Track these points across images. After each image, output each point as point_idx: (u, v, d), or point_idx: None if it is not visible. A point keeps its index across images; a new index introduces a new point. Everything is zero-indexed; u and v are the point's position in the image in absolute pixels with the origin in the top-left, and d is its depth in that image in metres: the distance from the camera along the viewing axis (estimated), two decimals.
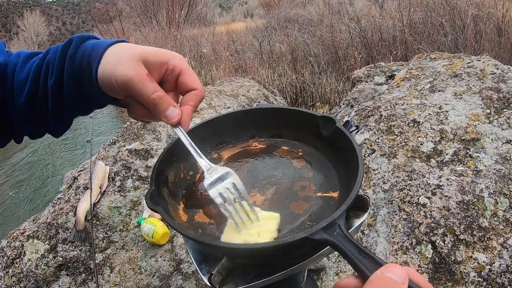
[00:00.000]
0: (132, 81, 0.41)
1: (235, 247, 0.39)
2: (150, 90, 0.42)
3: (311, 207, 0.48)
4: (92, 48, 0.44)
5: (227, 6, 23.48)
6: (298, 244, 0.36)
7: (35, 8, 27.76)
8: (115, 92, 0.43)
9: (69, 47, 0.45)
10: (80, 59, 0.44)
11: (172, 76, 0.46)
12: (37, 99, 0.46)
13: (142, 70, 0.42)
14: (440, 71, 1.62)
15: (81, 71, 0.44)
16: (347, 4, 7.01)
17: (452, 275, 0.91)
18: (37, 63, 0.47)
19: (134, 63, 0.42)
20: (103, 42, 0.45)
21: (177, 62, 0.45)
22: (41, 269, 1.15)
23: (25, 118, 0.48)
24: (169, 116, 0.43)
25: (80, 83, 0.44)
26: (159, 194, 0.48)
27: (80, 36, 0.46)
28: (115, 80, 0.41)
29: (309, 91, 4.25)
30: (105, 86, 0.43)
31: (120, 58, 0.42)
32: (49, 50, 0.47)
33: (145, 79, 0.42)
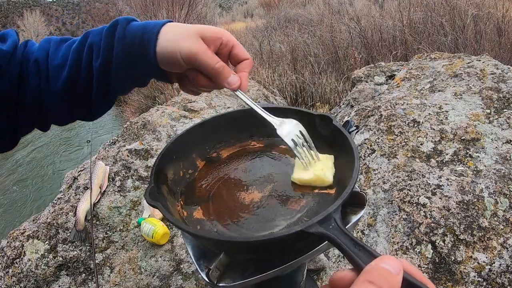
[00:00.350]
0: (198, 54, 0.46)
1: (232, 240, 0.40)
2: (214, 61, 0.47)
3: (308, 204, 0.48)
4: (143, 29, 0.47)
5: (227, 6, 23.48)
6: (294, 237, 0.36)
7: (35, 8, 27.76)
8: (178, 66, 0.47)
9: (115, 29, 0.47)
10: (131, 40, 0.47)
11: (226, 49, 0.51)
12: (79, 82, 0.48)
13: (203, 45, 0.47)
14: (440, 71, 1.62)
15: (133, 51, 0.47)
16: (347, 4, 7.01)
17: (452, 275, 0.91)
18: (76, 45, 0.48)
19: (195, 38, 0.46)
20: (153, 23, 0.48)
21: (229, 37, 0.51)
22: (41, 269, 1.15)
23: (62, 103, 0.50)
24: (231, 82, 0.49)
25: (132, 63, 0.48)
26: (159, 191, 0.49)
27: (125, 18, 0.48)
28: (179, 55, 0.46)
29: (309, 91, 4.25)
30: (167, 61, 0.47)
31: (180, 35, 0.46)
32: (88, 33, 0.49)
33: (208, 52, 0.47)
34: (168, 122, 1.75)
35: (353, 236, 0.34)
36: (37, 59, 0.49)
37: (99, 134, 5.97)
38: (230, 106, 2.06)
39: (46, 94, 0.49)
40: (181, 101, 2.05)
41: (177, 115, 1.84)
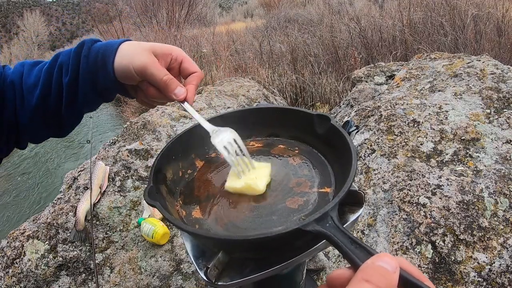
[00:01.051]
0: (148, 67, 0.51)
1: (230, 238, 0.40)
2: (162, 73, 0.52)
3: (306, 202, 0.49)
4: (104, 47, 0.53)
5: (227, 6, 23.48)
6: (292, 236, 0.36)
7: (35, 8, 27.77)
8: (131, 78, 0.52)
9: (81, 49, 0.53)
10: (95, 57, 0.52)
11: (176, 64, 0.56)
12: (50, 98, 0.53)
13: (154, 58, 0.52)
14: (440, 71, 1.62)
15: (95, 67, 0.52)
16: (347, 4, 7.01)
17: (452, 275, 0.91)
18: (47, 67, 0.54)
19: (147, 53, 0.52)
20: (112, 41, 0.54)
21: (179, 53, 0.56)
22: (41, 269, 1.15)
23: (35, 119, 0.55)
24: (177, 93, 0.53)
25: (95, 77, 0.53)
26: (158, 191, 0.49)
27: (91, 39, 0.54)
28: (132, 68, 0.51)
29: (309, 91, 4.25)
30: (122, 74, 0.52)
31: (134, 50, 0.52)
32: (59, 54, 0.55)
33: (157, 65, 0.52)
34: (168, 122, 1.75)
35: (350, 234, 0.34)
36: (12, 81, 0.54)
37: (99, 134, 5.97)
38: (230, 106, 2.06)
39: (21, 112, 0.54)
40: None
41: (177, 115, 1.84)
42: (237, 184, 0.51)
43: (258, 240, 0.37)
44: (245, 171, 0.52)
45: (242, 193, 0.51)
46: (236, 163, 0.51)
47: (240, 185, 0.51)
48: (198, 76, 0.56)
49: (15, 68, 0.56)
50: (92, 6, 14.79)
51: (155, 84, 0.52)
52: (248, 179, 0.51)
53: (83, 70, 0.52)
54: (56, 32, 31.13)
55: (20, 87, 0.54)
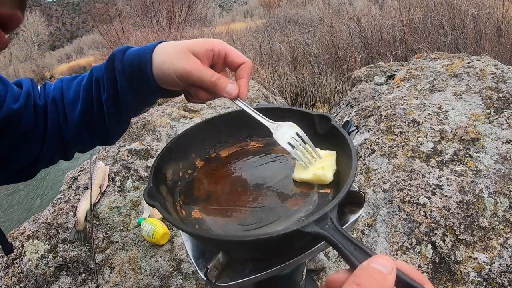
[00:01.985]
0: (191, 72, 0.48)
1: (229, 239, 0.40)
2: (208, 75, 0.49)
3: (306, 203, 0.49)
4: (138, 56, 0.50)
5: (227, 6, 23.49)
6: (291, 237, 0.36)
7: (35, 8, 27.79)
8: (176, 85, 0.50)
9: (113, 63, 0.51)
10: (130, 70, 0.50)
11: (220, 59, 0.52)
12: (93, 114, 0.54)
13: (196, 61, 0.48)
14: (440, 71, 1.62)
15: (134, 78, 0.50)
16: (347, 4, 7.01)
17: (452, 275, 0.91)
18: (85, 82, 0.54)
19: (187, 56, 0.48)
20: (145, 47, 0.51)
21: (221, 47, 0.51)
22: (41, 269, 1.15)
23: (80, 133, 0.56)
24: (229, 91, 0.50)
25: (137, 89, 0.51)
26: (158, 191, 0.49)
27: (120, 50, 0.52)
28: (175, 75, 0.48)
29: (309, 91, 4.25)
30: (166, 82, 0.49)
31: (172, 54, 0.48)
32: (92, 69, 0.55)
33: (201, 68, 0.48)
34: (168, 122, 1.75)
35: (349, 235, 0.34)
36: (54, 98, 0.55)
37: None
38: (230, 106, 2.06)
39: (65, 127, 0.55)
40: (181, 101, 2.06)
41: (177, 115, 1.84)
42: (305, 175, 0.51)
43: (257, 241, 0.37)
44: (312, 161, 0.52)
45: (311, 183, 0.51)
46: (302, 156, 0.51)
47: (308, 176, 0.51)
48: (247, 68, 0.52)
49: (55, 85, 0.57)
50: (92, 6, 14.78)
51: (203, 87, 0.50)
52: (315, 170, 0.51)
53: (121, 85, 0.51)
54: (56, 32, 31.12)
55: (62, 103, 0.55)
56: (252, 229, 0.45)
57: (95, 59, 13.67)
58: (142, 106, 0.56)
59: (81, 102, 0.53)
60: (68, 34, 31.22)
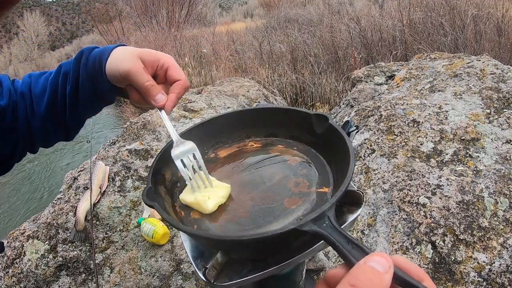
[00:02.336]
0: (131, 72, 0.52)
1: (226, 239, 0.40)
2: (144, 79, 0.53)
3: (304, 203, 0.48)
4: (101, 52, 0.55)
5: (227, 6, 23.49)
6: (289, 236, 0.36)
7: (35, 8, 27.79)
8: (119, 81, 0.54)
9: (81, 58, 0.56)
10: (93, 63, 0.55)
11: (162, 71, 0.56)
12: (56, 106, 0.58)
13: (139, 64, 0.53)
14: (440, 71, 1.62)
15: (94, 72, 0.55)
16: (347, 4, 7.01)
17: (452, 275, 0.91)
18: (53, 76, 0.58)
19: (134, 58, 0.53)
20: (108, 47, 0.56)
21: (166, 60, 0.56)
22: (41, 269, 1.15)
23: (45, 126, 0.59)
24: (157, 100, 0.54)
25: (94, 82, 0.56)
26: (156, 191, 0.49)
27: (88, 48, 0.57)
28: (118, 72, 0.53)
29: (309, 91, 4.25)
30: (112, 77, 0.54)
31: (123, 55, 0.54)
32: (61, 65, 0.59)
33: (141, 71, 0.53)
34: None
35: (347, 233, 0.34)
36: (22, 92, 0.59)
37: (99, 134, 5.97)
38: (230, 106, 2.06)
39: (32, 120, 0.59)
40: (181, 101, 2.06)
41: (177, 115, 1.84)
42: (188, 198, 0.51)
43: (255, 240, 0.37)
44: (201, 187, 0.52)
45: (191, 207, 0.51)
46: (190, 177, 0.51)
47: (190, 199, 0.50)
48: (180, 85, 0.55)
49: (23, 80, 0.60)
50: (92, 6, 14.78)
51: (138, 89, 0.54)
52: (200, 196, 0.50)
53: (82, 77, 0.55)
54: (56, 32, 31.13)
55: (29, 97, 0.58)
56: (250, 228, 0.45)
57: None
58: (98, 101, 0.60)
59: (47, 95, 0.57)
60: (68, 34, 31.23)
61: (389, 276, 0.25)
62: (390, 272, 0.25)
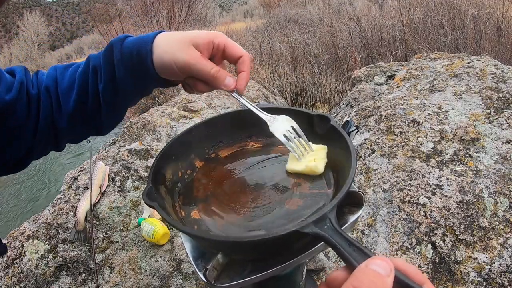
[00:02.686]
0: (192, 64, 0.48)
1: (227, 240, 0.40)
2: (208, 68, 0.49)
3: (305, 203, 0.48)
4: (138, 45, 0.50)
5: (227, 6, 23.50)
6: (289, 237, 0.36)
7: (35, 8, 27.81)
8: (176, 75, 0.50)
9: (111, 52, 0.51)
10: (129, 60, 0.50)
11: (218, 52, 0.52)
12: (87, 103, 0.53)
13: (196, 53, 0.49)
14: (440, 71, 1.62)
15: (134, 68, 0.50)
16: (347, 4, 7.01)
17: (452, 275, 0.91)
18: (81, 70, 0.53)
19: (188, 47, 0.49)
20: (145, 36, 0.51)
21: (220, 40, 0.52)
22: (41, 269, 1.15)
23: (74, 122, 0.55)
24: (227, 84, 0.51)
25: (136, 79, 0.52)
26: (157, 191, 0.49)
27: (118, 39, 0.52)
28: (175, 66, 0.49)
29: (309, 91, 4.25)
30: (166, 72, 0.50)
31: (174, 45, 0.49)
32: (89, 58, 0.54)
33: (201, 60, 0.49)
34: (168, 122, 1.75)
35: (348, 236, 0.33)
36: (47, 86, 0.54)
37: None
38: (230, 106, 2.06)
39: (58, 116, 0.54)
40: (181, 101, 2.06)
41: (177, 115, 1.84)
42: (297, 166, 0.53)
43: (256, 242, 0.36)
44: (305, 153, 0.54)
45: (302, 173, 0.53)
46: (296, 148, 0.53)
47: (300, 167, 0.53)
48: (246, 61, 0.53)
49: (48, 73, 0.56)
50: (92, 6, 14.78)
51: (202, 78, 0.51)
52: (308, 162, 0.53)
53: (120, 74, 0.51)
54: (56, 32, 31.13)
55: (55, 92, 0.54)
56: (251, 229, 0.45)
57: None
58: (139, 95, 0.57)
59: (76, 91, 0.53)
60: (68, 34, 31.22)
61: (391, 280, 0.26)
62: (392, 276, 0.26)
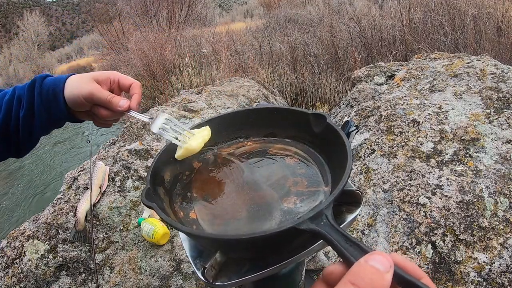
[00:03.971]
0: (93, 93, 0.61)
1: (223, 238, 0.40)
2: (105, 95, 0.62)
3: (302, 201, 0.48)
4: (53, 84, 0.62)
5: (227, 6, 23.51)
6: (286, 234, 0.36)
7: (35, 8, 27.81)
8: (82, 105, 0.62)
9: (33, 87, 0.62)
10: (46, 93, 0.61)
11: (115, 84, 0.66)
12: (9, 126, 0.62)
13: (97, 85, 0.62)
14: (440, 71, 1.62)
15: (49, 102, 0.62)
16: (347, 4, 7.01)
17: (452, 275, 0.91)
18: (8, 97, 0.63)
19: (91, 82, 0.62)
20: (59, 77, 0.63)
21: (115, 75, 0.65)
22: (41, 269, 1.15)
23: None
24: (121, 105, 0.62)
25: (49, 110, 0.62)
26: (155, 192, 0.49)
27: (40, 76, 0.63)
28: (82, 96, 0.60)
29: (309, 91, 4.25)
30: (74, 103, 0.61)
31: (80, 82, 0.62)
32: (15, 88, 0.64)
33: (100, 90, 0.62)
34: None
35: (345, 232, 0.33)
36: None
37: (99, 134, 5.97)
38: (230, 106, 2.06)
39: None
40: (181, 101, 2.06)
41: (177, 115, 1.84)
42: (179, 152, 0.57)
43: (253, 239, 0.36)
44: (186, 140, 0.58)
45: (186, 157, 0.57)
46: (173, 137, 0.58)
47: (180, 152, 0.56)
48: (136, 86, 0.65)
49: None
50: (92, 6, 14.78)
51: (102, 104, 0.62)
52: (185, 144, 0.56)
53: (37, 105, 0.61)
54: (56, 32, 31.13)
55: None
56: (248, 228, 0.45)
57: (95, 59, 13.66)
58: (52, 126, 0.66)
59: (2, 115, 0.61)
60: (68, 34, 31.21)
61: (390, 276, 0.25)
62: (391, 271, 0.25)
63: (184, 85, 4.81)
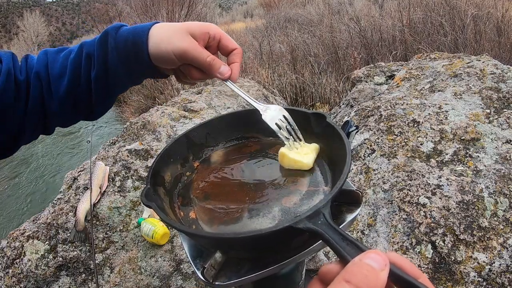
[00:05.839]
0: (189, 51, 0.50)
1: (221, 237, 0.40)
2: (204, 55, 0.51)
3: (301, 201, 0.49)
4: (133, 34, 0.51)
5: (227, 6, 23.51)
6: (284, 233, 0.36)
7: (35, 9, 27.83)
8: (172, 62, 0.51)
9: (106, 40, 0.51)
10: (124, 47, 0.51)
11: (214, 42, 0.54)
12: (79, 89, 0.54)
13: (193, 41, 0.50)
14: (440, 71, 1.62)
15: (127, 56, 0.51)
16: (347, 4, 7.01)
17: (452, 275, 0.91)
18: (74, 56, 0.53)
19: (185, 36, 0.50)
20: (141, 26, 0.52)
21: (216, 31, 0.54)
22: (41, 269, 1.15)
23: (65, 107, 0.55)
24: (222, 72, 0.53)
25: (129, 66, 0.52)
26: (155, 192, 0.49)
27: (113, 27, 0.52)
28: (173, 53, 0.49)
29: (309, 91, 4.25)
30: (162, 60, 0.51)
31: (170, 34, 0.50)
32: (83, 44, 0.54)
33: (198, 47, 0.51)
34: (168, 122, 1.75)
35: (342, 230, 0.33)
36: (38, 72, 0.53)
37: (99, 134, 5.97)
38: (230, 107, 2.06)
39: (49, 101, 0.54)
40: (181, 101, 2.06)
41: (177, 115, 1.84)
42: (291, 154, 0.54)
43: (251, 238, 0.36)
44: (296, 145, 0.55)
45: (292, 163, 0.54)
46: (287, 136, 0.55)
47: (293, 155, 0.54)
48: (239, 53, 0.56)
49: (38, 58, 0.55)
50: (92, 6, 14.81)
51: (198, 66, 0.52)
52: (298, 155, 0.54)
53: (113, 61, 0.51)
54: (56, 32, 31.14)
55: (46, 77, 0.53)
56: (247, 227, 0.46)
57: None
58: (130, 83, 0.57)
59: (68, 77, 0.53)
60: (68, 34, 31.22)
61: (385, 274, 0.25)
62: (386, 270, 0.25)
63: (184, 85, 4.81)
